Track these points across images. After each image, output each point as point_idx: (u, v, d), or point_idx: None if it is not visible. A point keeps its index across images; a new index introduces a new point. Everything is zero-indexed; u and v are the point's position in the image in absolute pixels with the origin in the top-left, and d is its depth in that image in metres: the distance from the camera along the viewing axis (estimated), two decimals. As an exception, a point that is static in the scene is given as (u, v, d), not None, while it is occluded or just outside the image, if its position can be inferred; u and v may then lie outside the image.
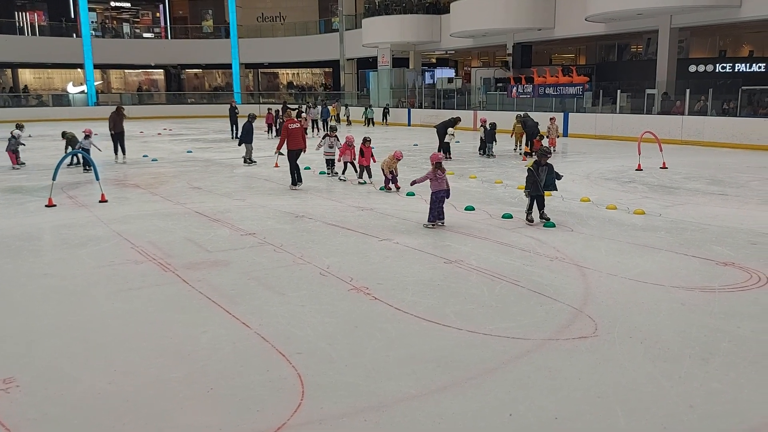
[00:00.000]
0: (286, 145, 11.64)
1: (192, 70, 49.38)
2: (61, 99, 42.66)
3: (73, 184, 12.63)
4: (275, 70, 49.90)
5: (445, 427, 3.45)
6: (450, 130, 16.48)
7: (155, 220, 8.95)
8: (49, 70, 45.24)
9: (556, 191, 8.80)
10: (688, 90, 20.71)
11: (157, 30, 48.79)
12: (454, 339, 4.63)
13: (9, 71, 44.28)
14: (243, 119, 16.92)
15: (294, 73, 50.27)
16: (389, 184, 11.40)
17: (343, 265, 6.55)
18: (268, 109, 26.63)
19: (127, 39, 46.04)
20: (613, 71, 29.02)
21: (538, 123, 16.93)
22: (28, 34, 42.22)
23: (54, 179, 10.35)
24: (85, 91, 43.27)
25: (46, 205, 10.01)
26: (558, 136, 18.34)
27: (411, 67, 37.34)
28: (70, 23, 43.66)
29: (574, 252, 7.02)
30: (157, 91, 48.30)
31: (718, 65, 25.09)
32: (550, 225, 8.27)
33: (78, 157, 15.00)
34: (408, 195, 10.83)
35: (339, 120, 32.12)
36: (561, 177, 8.54)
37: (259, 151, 16.93)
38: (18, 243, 7.71)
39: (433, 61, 42.82)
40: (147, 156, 17.73)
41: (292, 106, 25.96)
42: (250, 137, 15.46)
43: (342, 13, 38.62)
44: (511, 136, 18.20)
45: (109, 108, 23.29)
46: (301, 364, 4.18)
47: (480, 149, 17.58)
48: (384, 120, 32.50)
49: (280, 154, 12.70)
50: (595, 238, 7.72)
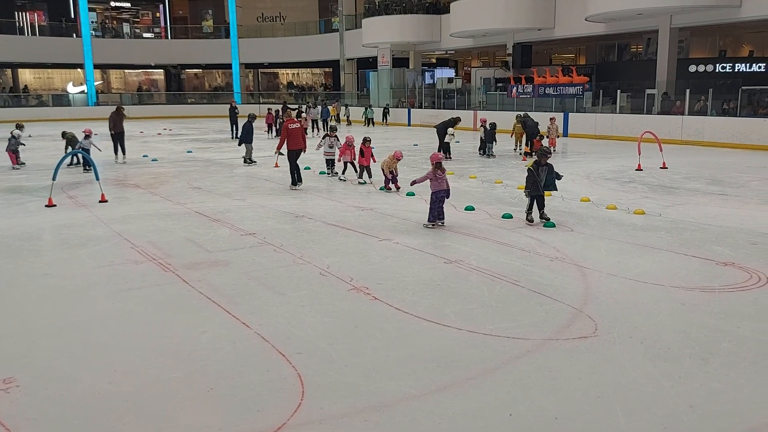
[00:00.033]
0: (286, 145, 11.64)
1: (192, 70, 49.38)
2: (61, 99, 42.65)
3: (73, 184, 12.63)
4: (275, 70, 49.90)
5: (445, 427, 3.45)
6: (450, 130, 16.48)
7: (155, 220, 8.95)
8: (49, 70, 45.24)
9: (556, 191, 8.80)
10: (688, 90, 20.71)
11: (157, 30, 48.79)
12: (454, 339, 4.63)
13: (9, 71, 44.28)
14: (243, 119, 16.92)
15: (294, 73, 50.27)
16: (389, 184, 11.39)
17: (343, 265, 6.55)
18: (268, 109, 26.61)
19: (127, 39, 46.03)
20: (613, 71, 29.00)
21: (538, 123, 16.92)
22: (28, 34, 42.22)
23: (54, 179, 10.35)
24: (85, 91, 43.27)
25: (46, 205, 10.01)
26: (558, 136, 18.33)
27: (411, 67, 37.33)
28: (70, 23, 43.65)
29: (574, 252, 7.02)
30: (157, 91, 48.29)
31: (718, 65, 25.09)
32: (550, 225, 8.27)
33: (78, 157, 15.01)
34: (408, 195, 10.83)
35: (339, 120, 32.11)
36: (561, 177, 8.55)
37: (259, 151, 16.93)
38: (18, 243, 7.71)
39: (433, 61, 42.81)
40: (147, 156, 17.72)
41: (292, 106, 25.94)
42: (250, 137, 15.47)
43: (342, 13, 38.62)
44: (511, 136, 18.20)
45: (109, 108, 23.28)
46: (301, 364, 4.18)
47: (480, 149, 17.58)
48: (384, 120, 32.49)
49: (280, 154, 12.69)
50: (595, 238, 7.72)
